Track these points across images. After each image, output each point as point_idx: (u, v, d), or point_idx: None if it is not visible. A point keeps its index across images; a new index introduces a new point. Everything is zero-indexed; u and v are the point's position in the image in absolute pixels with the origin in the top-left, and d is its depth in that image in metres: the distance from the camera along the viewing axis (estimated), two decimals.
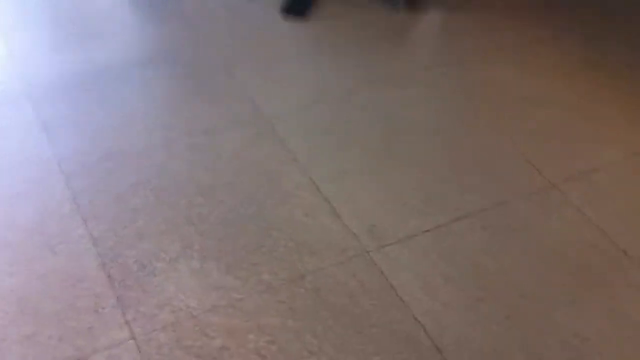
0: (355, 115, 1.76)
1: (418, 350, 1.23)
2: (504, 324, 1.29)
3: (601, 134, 1.73)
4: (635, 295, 1.35)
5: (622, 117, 1.78)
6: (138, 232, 1.43)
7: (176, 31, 2.01)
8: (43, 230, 1.42)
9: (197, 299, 1.30)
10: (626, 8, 2.20)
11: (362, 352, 1.23)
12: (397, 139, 1.69)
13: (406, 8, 2.14)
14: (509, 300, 1.33)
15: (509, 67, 1.94)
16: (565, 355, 1.24)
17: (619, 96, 1.85)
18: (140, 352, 1.21)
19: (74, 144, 1.63)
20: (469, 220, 1.48)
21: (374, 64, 1.94)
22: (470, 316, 1.30)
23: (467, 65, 1.94)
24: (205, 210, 1.48)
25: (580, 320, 1.30)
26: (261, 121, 1.72)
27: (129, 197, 1.50)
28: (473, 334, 1.27)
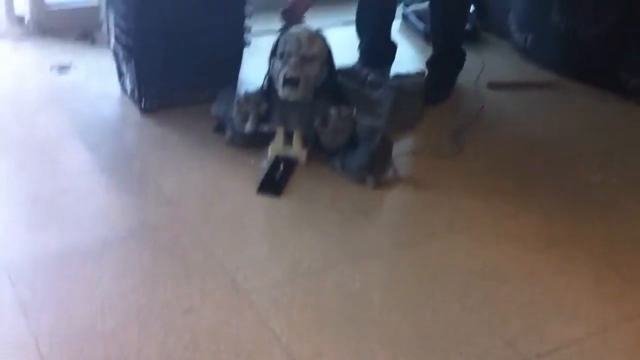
0: (330, 291, 1.80)
1: None
2: None
3: (569, 308, 1.79)
4: None
5: (588, 291, 1.86)
6: None
7: (154, 208, 2.06)
8: None
9: None
10: (588, 190, 2.34)
11: None
12: (369, 315, 1.72)
13: (374, 186, 2.26)
14: None
15: (473, 244, 2.03)
16: None
17: (582, 270, 1.93)
18: None
19: (51, 324, 1.61)
20: None
21: (346, 239, 2.01)
22: None
23: (432, 241, 2.03)
24: None
25: None
26: (240, 298, 1.74)
27: None
28: None
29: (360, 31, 3.12)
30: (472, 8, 3.54)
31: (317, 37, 2.40)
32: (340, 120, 2.32)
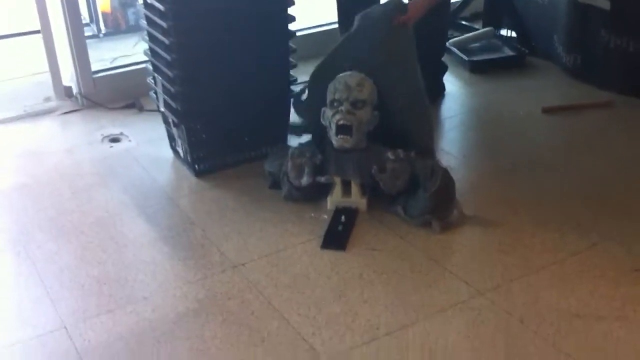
0: (415, 350, 1.72)
1: None
2: None
3: None
4: None
5: None
6: None
7: (220, 275, 2.01)
8: None
9: None
10: None
11: None
12: None
13: (441, 229, 2.18)
14: None
15: (555, 282, 1.94)
16: None
17: None
18: None
19: None
20: None
21: (421, 290, 1.93)
22: None
23: (513, 284, 1.94)
24: None
25: None
26: None
27: None
28: None
29: None
30: (514, 33, 3.49)
31: (366, 81, 2.35)
32: (398, 163, 2.26)
